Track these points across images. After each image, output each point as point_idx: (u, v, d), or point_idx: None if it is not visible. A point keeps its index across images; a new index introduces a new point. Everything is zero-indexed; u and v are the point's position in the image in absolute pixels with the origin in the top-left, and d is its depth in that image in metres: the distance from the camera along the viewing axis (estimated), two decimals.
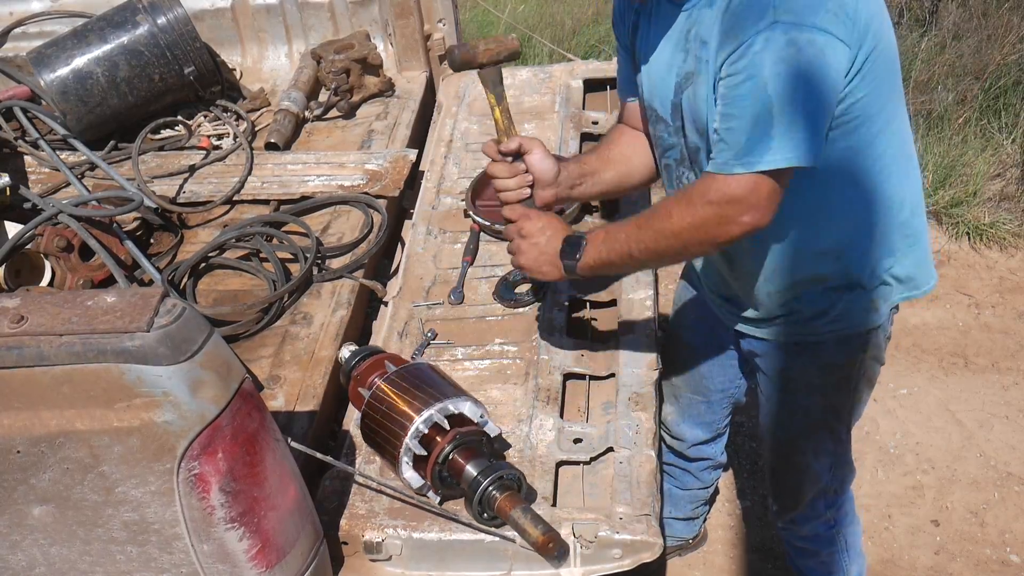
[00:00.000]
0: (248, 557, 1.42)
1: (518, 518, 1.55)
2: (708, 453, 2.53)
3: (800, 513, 2.25)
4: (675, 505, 2.72)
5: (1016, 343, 3.67)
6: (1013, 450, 3.24)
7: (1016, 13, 5.01)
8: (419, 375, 1.75)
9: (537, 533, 1.53)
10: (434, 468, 1.63)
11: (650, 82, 1.77)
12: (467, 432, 1.65)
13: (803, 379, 1.96)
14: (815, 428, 2.05)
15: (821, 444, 2.07)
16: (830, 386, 1.97)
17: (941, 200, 4.23)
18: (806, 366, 1.94)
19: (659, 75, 1.73)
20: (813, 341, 1.88)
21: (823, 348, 1.89)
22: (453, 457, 1.63)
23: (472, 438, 1.65)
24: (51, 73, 2.76)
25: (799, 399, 2.01)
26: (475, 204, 2.41)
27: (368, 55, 2.99)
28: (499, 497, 1.58)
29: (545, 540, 1.52)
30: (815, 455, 2.10)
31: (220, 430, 1.32)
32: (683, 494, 2.68)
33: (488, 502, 1.59)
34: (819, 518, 2.25)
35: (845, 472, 2.20)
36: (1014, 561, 2.90)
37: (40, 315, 1.26)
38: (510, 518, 1.56)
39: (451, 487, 1.66)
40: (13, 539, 1.42)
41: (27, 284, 2.25)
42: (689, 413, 2.42)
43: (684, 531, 2.85)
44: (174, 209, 2.56)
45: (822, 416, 2.02)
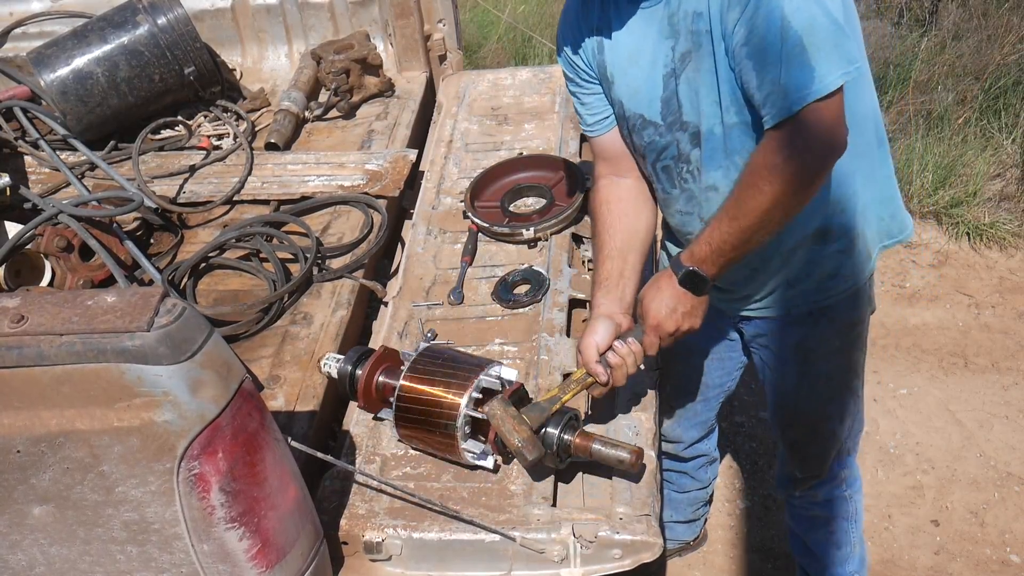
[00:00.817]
0: (248, 557, 1.42)
1: (600, 452, 1.64)
2: (703, 450, 2.56)
3: (820, 479, 2.29)
4: (676, 509, 2.74)
5: (1016, 343, 3.67)
6: (1013, 450, 3.24)
7: (1016, 13, 5.01)
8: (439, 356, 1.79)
9: (626, 456, 1.61)
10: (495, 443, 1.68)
11: (629, 91, 1.78)
12: (513, 391, 1.71)
13: (823, 346, 2.00)
14: (838, 391, 2.09)
15: (845, 406, 2.12)
16: (848, 345, 2.02)
17: (941, 200, 4.23)
18: (824, 332, 1.97)
19: (640, 79, 1.74)
20: (827, 305, 1.92)
21: (837, 309, 1.93)
22: None
23: (519, 395, 1.72)
24: (51, 73, 2.76)
25: (820, 367, 2.03)
26: (474, 205, 2.41)
27: (368, 55, 2.99)
28: (573, 439, 1.66)
29: (635, 458, 1.61)
30: (840, 419, 2.14)
31: (220, 430, 1.32)
32: (682, 497, 2.70)
33: (565, 448, 1.66)
34: (834, 479, 2.29)
35: (858, 427, 2.24)
36: (1014, 561, 2.90)
37: (40, 315, 1.26)
38: (593, 453, 1.64)
39: None
40: (13, 539, 1.42)
41: (27, 284, 2.25)
42: (685, 416, 2.44)
43: (685, 533, 2.87)
44: (174, 209, 2.56)
45: (844, 377, 2.07)
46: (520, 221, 2.34)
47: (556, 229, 2.32)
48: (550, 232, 2.32)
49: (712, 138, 1.71)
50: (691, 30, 1.61)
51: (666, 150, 1.79)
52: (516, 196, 2.49)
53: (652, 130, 1.78)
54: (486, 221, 2.34)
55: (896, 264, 4.10)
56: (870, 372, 3.57)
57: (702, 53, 1.61)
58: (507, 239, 2.33)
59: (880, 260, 2.02)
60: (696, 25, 1.59)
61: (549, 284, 2.17)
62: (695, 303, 1.67)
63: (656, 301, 1.67)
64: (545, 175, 2.51)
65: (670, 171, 1.83)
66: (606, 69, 1.80)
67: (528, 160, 2.59)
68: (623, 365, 1.69)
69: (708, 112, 1.68)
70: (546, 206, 2.39)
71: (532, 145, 2.74)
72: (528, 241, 2.31)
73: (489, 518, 1.65)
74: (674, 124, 1.74)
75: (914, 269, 4.08)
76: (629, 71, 1.76)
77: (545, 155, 2.60)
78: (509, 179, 2.53)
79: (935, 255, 4.14)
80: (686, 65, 1.65)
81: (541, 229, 2.30)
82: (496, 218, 2.38)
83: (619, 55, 1.76)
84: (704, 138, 1.72)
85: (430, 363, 1.78)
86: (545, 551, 1.62)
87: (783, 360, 2.06)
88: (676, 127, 1.74)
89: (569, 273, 2.21)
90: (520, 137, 2.80)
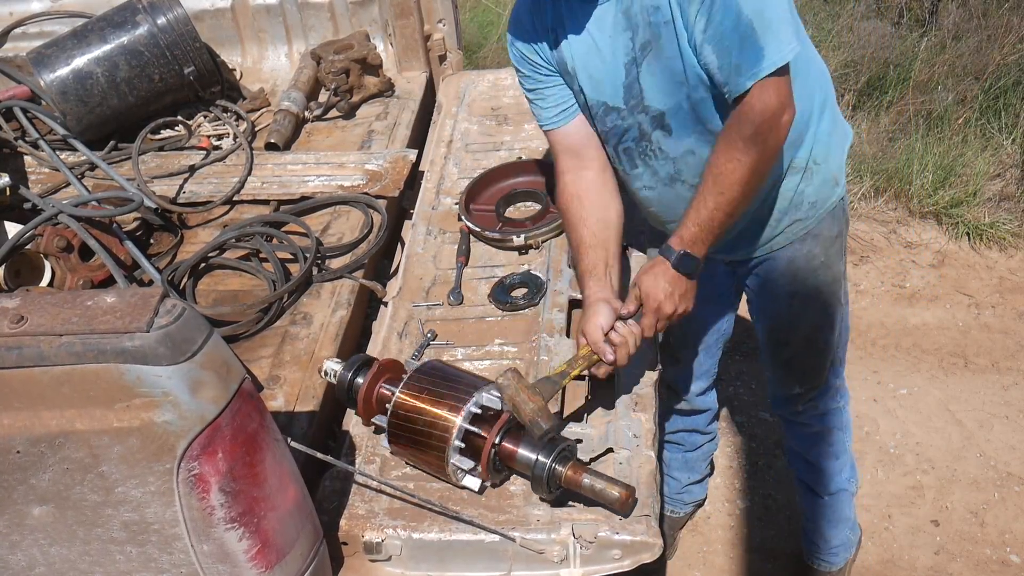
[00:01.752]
0: (248, 557, 1.42)
1: (590, 486, 1.61)
2: (708, 403, 2.67)
3: (818, 391, 2.41)
4: (692, 469, 2.84)
5: (1016, 343, 3.67)
6: (1013, 450, 3.24)
7: (1016, 13, 5.01)
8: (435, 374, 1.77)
9: (615, 493, 1.59)
10: (488, 462, 1.67)
11: (592, 81, 1.90)
12: (502, 423, 1.69)
13: (809, 263, 2.13)
14: (828, 302, 2.22)
15: (834, 314, 2.25)
16: (831, 257, 2.15)
17: (941, 200, 4.23)
18: (810, 249, 2.11)
19: (602, 70, 1.86)
20: (813, 228, 2.07)
21: (820, 228, 2.08)
22: (502, 447, 1.67)
23: (508, 424, 1.70)
24: (51, 73, 2.76)
25: (809, 281, 2.16)
26: (469, 209, 2.41)
27: (368, 55, 2.99)
28: (565, 471, 1.63)
29: (625, 497, 1.59)
30: (831, 328, 2.27)
31: (220, 430, 1.32)
32: (697, 454, 2.80)
33: (556, 479, 1.64)
34: (830, 389, 2.43)
35: (846, 338, 2.37)
36: (1014, 561, 2.90)
37: (40, 315, 1.26)
38: (582, 487, 1.62)
39: (502, 470, 1.71)
40: (13, 539, 1.42)
41: (27, 284, 2.25)
42: (692, 369, 2.54)
43: (699, 493, 2.97)
44: (174, 209, 2.56)
45: (831, 288, 2.20)
46: (512, 227, 2.34)
47: (548, 236, 2.32)
48: (541, 239, 2.31)
49: (680, 112, 1.85)
50: (649, 22, 1.75)
51: (627, 132, 1.93)
52: (512, 200, 2.49)
53: (615, 115, 1.91)
54: (479, 225, 2.34)
55: (896, 264, 4.10)
56: (870, 372, 3.58)
57: (662, 42, 1.76)
58: (499, 245, 2.33)
59: (880, 260, 2.06)
60: (654, 17, 1.74)
61: (547, 288, 2.16)
62: (689, 286, 1.81)
63: (655, 286, 1.79)
64: (541, 180, 2.50)
65: (631, 152, 1.96)
66: (566, 64, 1.91)
67: (525, 165, 2.58)
68: (625, 344, 1.79)
69: (673, 92, 1.82)
70: (540, 212, 2.38)
71: (532, 146, 2.74)
72: (519, 248, 2.31)
73: (489, 518, 1.66)
74: (636, 107, 1.88)
75: (914, 269, 4.08)
76: (589, 63, 1.87)
77: (542, 160, 2.60)
78: (505, 183, 2.53)
79: (935, 255, 4.14)
80: (647, 54, 1.79)
81: (532, 236, 2.30)
82: (490, 223, 2.38)
83: (577, 49, 1.87)
84: (671, 115, 1.86)
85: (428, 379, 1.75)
86: (545, 551, 1.62)
87: (775, 287, 2.18)
88: (638, 110, 1.88)
89: (569, 273, 2.21)
90: (520, 137, 2.80)
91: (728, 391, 3.45)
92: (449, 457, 1.66)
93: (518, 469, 1.69)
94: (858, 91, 4.83)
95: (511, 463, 1.68)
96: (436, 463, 1.69)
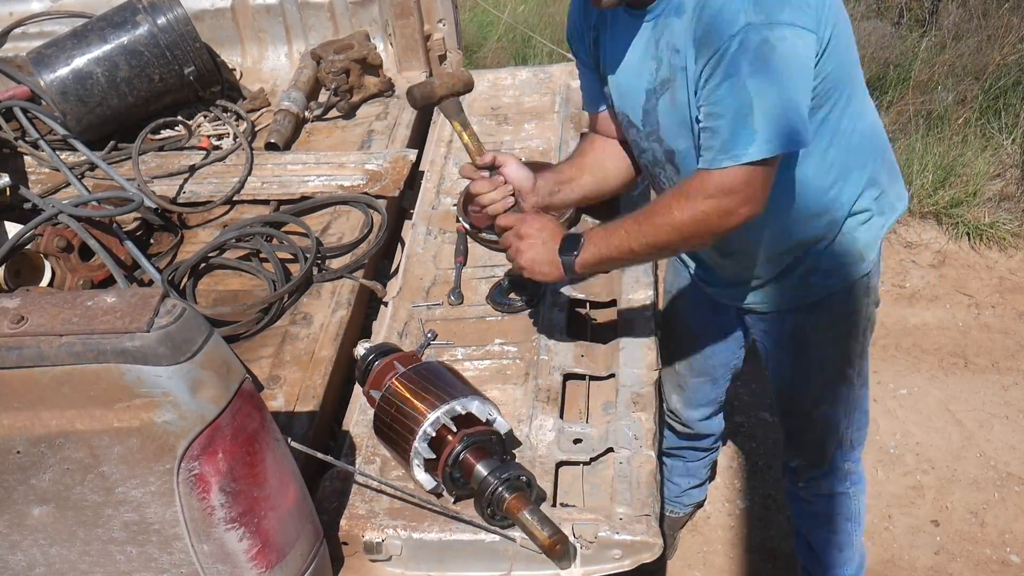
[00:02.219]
0: (248, 557, 1.42)
1: (526, 520, 1.56)
2: (713, 428, 2.63)
3: (823, 470, 2.32)
4: (693, 475, 2.81)
5: (1016, 343, 3.67)
6: (1013, 450, 3.24)
7: (1016, 13, 5.01)
8: (428, 375, 1.75)
9: (544, 536, 1.53)
10: (445, 470, 1.63)
11: (619, 92, 1.86)
12: (476, 432, 1.64)
13: (817, 335, 2.04)
14: (831, 379, 2.13)
15: (838, 392, 2.16)
16: (842, 335, 2.05)
17: (941, 200, 4.23)
18: (819, 321, 2.02)
19: (628, 85, 1.81)
20: (822, 297, 1.97)
21: (833, 301, 1.98)
22: (464, 457, 1.63)
23: (482, 437, 1.65)
24: (51, 73, 2.76)
25: (814, 355, 2.09)
26: (467, 210, 2.40)
27: (368, 55, 2.99)
28: (508, 498, 1.58)
29: (552, 543, 1.53)
30: (832, 404, 2.18)
31: (220, 430, 1.32)
32: (698, 464, 2.77)
33: (497, 502, 1.59)
34: (837, 472, 2.32)
35: (861, 421, 2.26)
36: (1014, 561, 2.90)
37: (40, 315, 1.26)
38: (518, 519, 1.57)
39: (463, 487, 1.66)
40: (13, 539, 1.42)
41: (27, 284, 2.25)
42: (695, 397, 2.49)
43: (699, 495, 2.94)
44: (174, 209, 2.56)
45: (837, 366, 2.11)
46: None
47: None
48: None
49: (689, 157, 1.76)
50: (670, 63, 1.68)
51: (645, 152, 1.88)
52: None
53: (635, 131, 1.87)
54: (477, 226, 2.33)
55: (896, 264, 4.10)
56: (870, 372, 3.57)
57: (677, 86, 1.69)
58: (496, 246, 2.32)
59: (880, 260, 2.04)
60: (674, 59, 1.66)
61: (545, 289, 2.16)
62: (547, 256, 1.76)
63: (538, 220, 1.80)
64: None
65: (647, 171, 1.94)
66: (599, 65, 1.89)
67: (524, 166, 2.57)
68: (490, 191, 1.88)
69: (683, 136, 1.75)
70: None
71: (532, 145, 2.74)
72: None
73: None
74: (651, 135, 1.82)
75: (914, 269, 4.08)
76: (619, 74, 1.83)
77: (540, 162, 2.58)
78: None
79: (935, 255, 4.14)
80: (665, 91, 1.73)
81: None
82: (488, 223, 2.37)
83: (612, 57, 1.83)
84: (681, 156, 1.79)
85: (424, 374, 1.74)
86: None
87: (780, 347, 2.12)
88: (653, 138, 1.82)
89: None
90: (520, 137, 2.80)
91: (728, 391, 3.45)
92: (416, 442, 1.62)
93: (472, 483, 1.63)
94: None
95: (468, 476, 1.63)
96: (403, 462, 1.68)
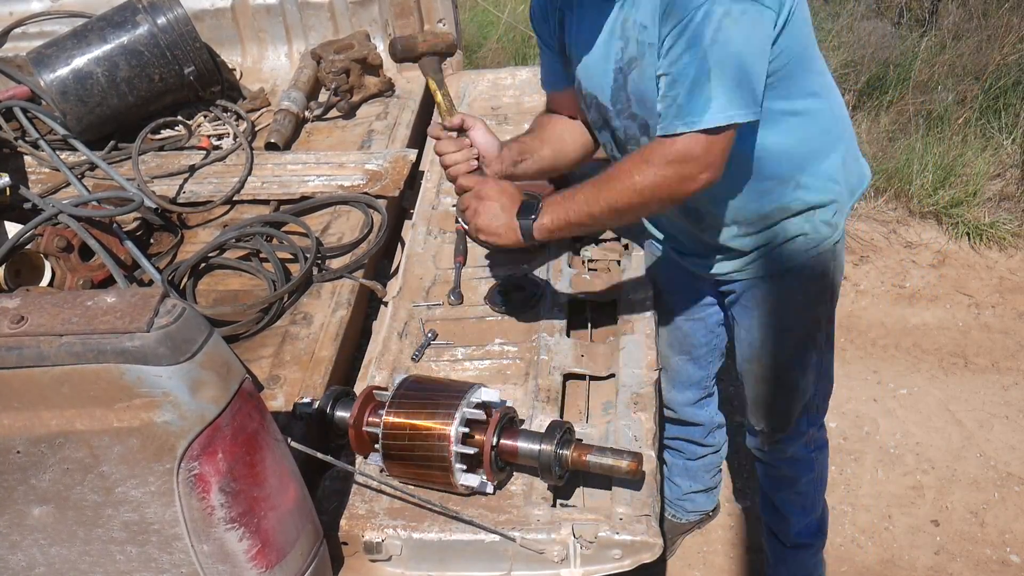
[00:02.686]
0: (248, 557, 1.42)
1: (598, 462, 1.62)
2: (703, 417, 2.61)
3: (787, 435, 2.34)
4: (694, 478, 2.79)
5: (1016, 343, 3.67)
6: (1013, 450, 3.24)
7: (1016, 13, 5.01)
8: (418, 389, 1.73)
9: (625, 465, 1.60)
10: (490, 462, 1.66)
11: (586, 73, 1.89)
12: (499, 416, 1.68)
13: (789, 301, 2.08)
14: (801, 344, 2.16)
15: (808, 358, 2.19)
16: (811, 300, 2.10)
17: (941, 200, 4.23)
18: (791, 288, 2.06)
19: (595, 66, 1.85)
20: (795, 264, 2.01)
21: (804, 268, 2.02)
22: (502, 444, 1.66)
23: (505, 418, 1.69)
24: (51, 73, 2.76)
25: (785, 320, 2.12)
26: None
27: (368, 55, 2.99)
28: (569, 453, 1.64)
29: (634, 467, 1.60)
30: (802, 370, 2.21)
31: (220, 430, 1.32)
32: (698, 464, 2.74)
33: (563, 463, 1.64)
34: (802, 437, 2.35)
35: (827, 387, 2.31)
36: (1014, 561, 2.90)
37: (40, 315, 1.26)
38: (589, 465, 1.63)
39: (503, 470, 1.71)
40: (13, 539, 1.42)
41: (27, 284, 2.25)
42: (678, 378, 2.49)
43: (706, 503, 2.91)
44: (174, 209, 2.56)
45: (806, 331, 2.15)
46: None
47: None
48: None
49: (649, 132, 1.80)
50: (637, 39, 1.72)
51: (616, 131, 1.91)
52: None
53: (604, 110, 1.90)
54: None
55: (896, 264, 4.10)
56: (870, 372, 3.58)
57: (645, 63, 1.72)
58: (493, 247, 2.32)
59: (880, 260, 2.04)
60: (642, 36, 1.71)
61: (544, 290, 2.16)
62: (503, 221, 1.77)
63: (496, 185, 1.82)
64: (538, 183, 2.49)
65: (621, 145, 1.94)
66: (567, 47, 1.93)
67: None
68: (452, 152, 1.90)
69: (649, 111, 1.78)
70: None
71: None
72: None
73: (489, 518, 1.65)
74: (622, 112, 1.85)
75: (914, 269, 4.08)
76: (586, 56, 1.86)
77: None
78: None
79: (935, 255, 4.14)
80: (632, 69, 1.77)
81: None
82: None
83: (578, 39, 1.88)
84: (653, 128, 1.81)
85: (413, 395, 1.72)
86: (545, 551, 1.62)
87: (751, 314, 2.14)
88: (625, 116, 1.86)
89: (569, 273, 2.21)
90: None
91: (729, 391, 3.45)
92: (454, 466, 1.64)
93: (521, 463, 1.68)
94: (858, 91, 4.83)
95: (513, 459, 1.68)
96: (440, 476, 1.67)
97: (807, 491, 2.47)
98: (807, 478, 2.44)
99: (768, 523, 2.61)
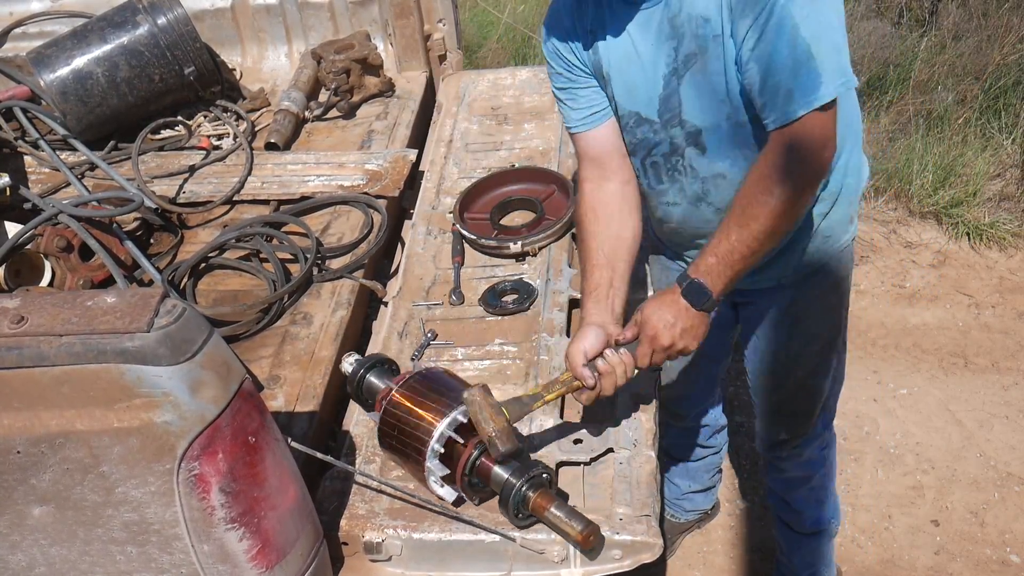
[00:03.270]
0: (248, 557, 1.42)
1: (554, 517, 1.56)
2: (708, 420, 2.61)
3: (807, 437, 2.33)
4: (693, 478, 2.79)
5: (1016, 343, 3.67)
6: (1013, 450, 3.24)
7: (1016, 13, 5.01)
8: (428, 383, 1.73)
9: (576, 530, 1.54)
10: (463, 479, 1.63)
11: (626, 89, 1.80)
12: None
13: (813, 306, 2.05)
14: (826, 349, 2.15)
15: (829, 361, 2.18)
16: (834, 305, 2.09)
17: (941, 200, 4.23)
18: (814, 291, 2.02)
19: (639, 78, 1.77)
20: (817, 267, 1.99)
21: (826, 271, 2.00)
22: (480, 462, 1.63)
23: None
24: (51, 73, 2.76)
25: (810, 326, 2.09)
26: (463, 217, 2.40)
27: (368, 55, 2.99)
28: (533, 496, 1.58)
29: (585, 536, 1.53)
30: (824, 375, 2.20)
31: (220, 430, 1.32)
32: (698, 465, 2.74)
33: (522, 502, 1.59)
34: (818, 439, 2.35)
35: (839, 387, 2.31)
36: (1014, 561, 2.90)
37: (40, 315, 1.26)
38: (545, 517, 1.57)
39: (480, 490, 1.67)
40: (13, 539, 1.42)
41: (27, 284, 2.25)
42: (685, 389, 2.48)
43: (704, 502, 2.92)
44: (174, 209, 2.56)
45: (831, 335, 2.14)
46: (508, 235, 2.33)
47: (544, 243, 2.31)
48: (538, 246, 2.30)
49: (718, 131, 1.75)
50: (696, 34, 1.65)
51: (657, 146, 1.84)
52: (506, 209, 2.47)
53: (647, 127, 1.83)
54: (474, 233, 2.33)
55: (896, 264, 4.10)
56: (870, 372, 3.58)
57: (709, 56, 1.66)
58: (495, 252, 2.32)
59: (880, 260, 2.04)
60: (703, 29, 1.64)
61: (538, 294, 2.16)
62: (696, 320, 1.66)
63: (656, 313, 1.66)
64: (536, 188, 2.50)
65: (659, 167, 1.88)
66: (601, 68, 1.82)
67: (519, 172, 2.57)
68: (612, 374, 1.67)
69: (714, 110, 1.73)
70: (535, 220, 2.38)
71: (532, 145, 2.74)
72: (515, 255, 2.30)
73: (489, 518, 1.65)
74: (670, 121, 1.79)
75: (914, 269, 4.08)
76: (626, 70, 1.78)
77: (537, 168, 2.59)
78: (499, 191, 2.51)
79: (935, 255, 4.14)
80: (690, 67, 1.69)
81: (529, 243, 2.28)
82: (485, 230, 2.36)
83: (615, 54, 1.78)
84: (708, 133, 1.77)
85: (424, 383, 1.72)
86: (545, 551, 1.62)
87: (774, 322, 2.10)
88: (672, 124, 1.79)
89: (569, 273, 2.21)
90: (520, 137, 2.80)
91: (728, 391, 3.45)
92: (427, 461, 1.62)
93: (492, 487, 1.64)
94: (858, 91, 4.82)
95: (487, 480, 1.64)
96: (414, 466, 1.67)
97: (819, 485, 2.47)
98: (819, 474, 2.44)
99: (779, 515, 2.60)
